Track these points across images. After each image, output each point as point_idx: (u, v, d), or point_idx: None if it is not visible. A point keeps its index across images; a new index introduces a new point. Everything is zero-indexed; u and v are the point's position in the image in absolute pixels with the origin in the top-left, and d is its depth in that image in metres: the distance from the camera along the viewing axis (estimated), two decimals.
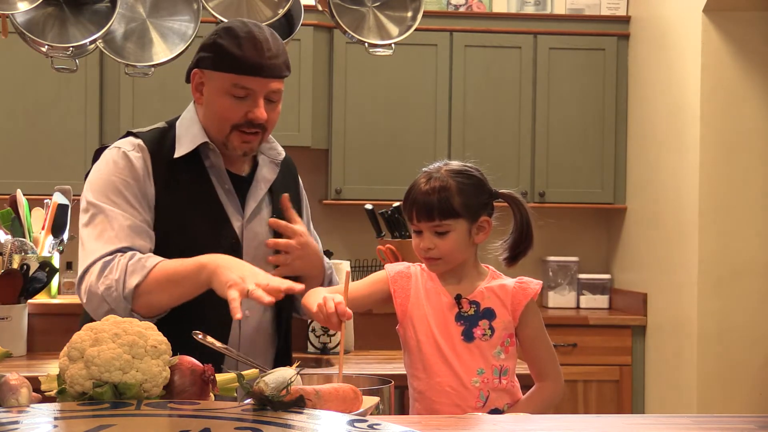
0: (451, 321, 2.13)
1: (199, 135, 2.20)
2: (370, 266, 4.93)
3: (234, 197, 2.23)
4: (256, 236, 2.25)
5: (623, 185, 5.03)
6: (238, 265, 2.02)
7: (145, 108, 4.74)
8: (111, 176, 2.17)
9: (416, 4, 3.16)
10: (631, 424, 1.75)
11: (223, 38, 2.15)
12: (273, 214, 2.28)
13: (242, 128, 2.16)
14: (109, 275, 2.07)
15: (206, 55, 2.17)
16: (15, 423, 1.34)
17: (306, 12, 3.26)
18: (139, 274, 2.05)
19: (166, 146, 2.21)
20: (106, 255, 2.09)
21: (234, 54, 2.12)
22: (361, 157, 4.89)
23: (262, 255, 2.24)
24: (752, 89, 4.19)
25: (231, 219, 2.22)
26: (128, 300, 2.05)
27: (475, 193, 2.14)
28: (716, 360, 4.18)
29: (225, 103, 2.15)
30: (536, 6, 5.15)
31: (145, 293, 2.05)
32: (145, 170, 2.18)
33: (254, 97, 2.15)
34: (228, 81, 2.14)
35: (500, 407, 2.11)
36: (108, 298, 2.06)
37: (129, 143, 2.22)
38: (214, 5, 3.04)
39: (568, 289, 5.09)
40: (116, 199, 2.15)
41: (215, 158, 2.21)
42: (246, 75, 2.13)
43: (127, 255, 2.09)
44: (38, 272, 3.21)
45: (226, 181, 2.22)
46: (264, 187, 2.28)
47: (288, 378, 1.45)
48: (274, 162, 2.32)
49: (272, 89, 2.17)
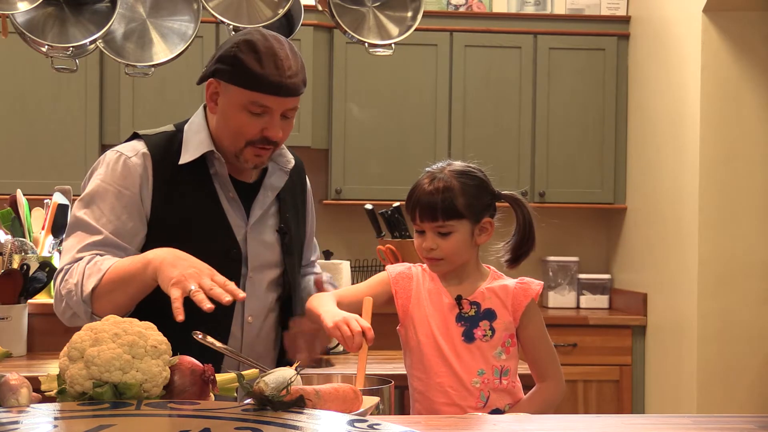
0: (452, 322, 2.13)
1: (205, 142, 2.18)
2: (370, 266, 4.94)
3: (238, 205, 2.21)
4: (260, 244, 2.23)
5: (623, 185, 5.03)
6: (182, 261, 1.95)
7: (145, 108, 4.74)
8: (105, 183, 2.16)
9: (416, 4, 3.16)
10: (631, 424, 1.75)
11: (244, 53, 2.09)
12: (280, 222, 2.27)
13: (257, 144, 2.14)
14: (69, 279, 2.07)
15: (225, 67, 2.12)
16: (15, 423, 1.34)
17: (306, 12, 3.26)
18: (95, 276, 2.03)
19: (172, 151, 2.19)
20: (72, 262, 2.10)
21: (254, 71, 2.08)
22: (361, 157, 4.89)
23: (266, 262, 2.24)
24: (752, 89, 4.19)
25: (233, 227, 2.19)
26: (87, 303, 2.04)
27: (478, 194, 2.14)
28: (716, 360, 4.17)
29: (241, 119, 2.12)
30: (536, 6, 5.15)
31: (101, 295, 2.03)
32: (144, 177, 2.16)
33: (271, 115, 2.12)
34: (246, 97, 2.10)
35: (501, 408, 2.11)
36: (70, 302, 2.07)
37: (131, 148, 2.19)
38: (214, 5, 3.03)
39: (568, 289, 5.09)
40: (103, 206, 2.13)
41: (220, 167, 2.19)
42: (265, 94, 2.09)
43: (86, 259, 2.07)
44: (38, 272, 3.21)
45: (230, 189, 2.20)
46: (271, 195, 2.26)
47: (288, 378, 1.45)
48: (283, 170, 2.29)
49: (289, 107, 2.14)
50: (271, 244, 2.25)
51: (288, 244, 2.28)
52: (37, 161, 4.70)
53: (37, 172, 4.67)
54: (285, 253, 2.27)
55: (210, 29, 4.65)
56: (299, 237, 2.36)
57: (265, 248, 2.24)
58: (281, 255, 2.27)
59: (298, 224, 2.35)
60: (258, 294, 2.21)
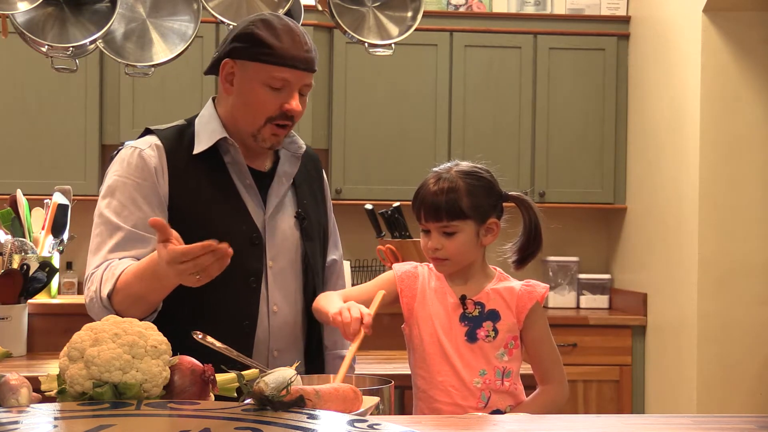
0: (456, 321, 2.13)
1: (218, 131, 2.19)
2: (370, 266, 4.94)
3: (255, 192, 2.22)
4: (280, 231, 2.23)
5: (623, 185, 5.03)
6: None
7: (145, 108, 4.74)
8: (123, 178, 2.16)
9: (416, 4, 3.16)
10: (631, 424, 1.75)
11: (261, 29, 2.12)
12: (297, 208, 2.28)
13: (276, 120, 2.15)
14: (90, 287, 2.09)
15: (241, 45, 2.13)
16: (15, 423, 1.34)
17: (306, 12, 3.27)
18: (110, 282, 2.04)
19: (185, 143, 2.20)
20: (95, 268, 2.11)
21: (273, 45, 2.10)
22: (361, 157, 4.89)
23: (286, 250, 2.23)
24: (752, 89, 4.19)
25: (252, 214, 2.20)
26: (108, 308, 2.05)
27: (484, 194, 2.13)
28: (716, 360, 4.17)
29: (260, 95, 2.13)
30: (536, 6, 5.15)
31: (119, 298, 2.04)
32: (159, 168, 2.17)
33: (290, 89, 2.13)
34: (265, 72, 2.11)
35: (502, 409, 2.10)
36: (93, 310, 2.08)
37: (145, 142, 2.21)
38: (214, 5, 3.04)
39: (568, 289, 5.09)
40: (123, 198, 2.15)
41: (235, 153, 2.19)
42: (285, 66, 2.11)
43: (104, 265, 2.09)
44: (38, 272, 3.21)
45: (246, 176, 2.21)
46: (286, 182, 2.27)
47: (288, 378, 1.45)
48: (295, 156, 2.31)
49: (306, 83, 2.16)
50: (290, 231, 2.25)
51: (307, 229, 2.27)
52: (37, 161, 4.71)
53: (37, 172, 4.67)
54: (305, 238, 2.27)
55: (210, 29, 4.65)
56: (320, 223, 2.36)
57: (285, 235, 2.24)
58: (301, 240, 2.26)
59: (318, 211, 2.35)
60: (280, 283, 2.21)
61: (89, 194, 4.66)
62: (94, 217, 2.21)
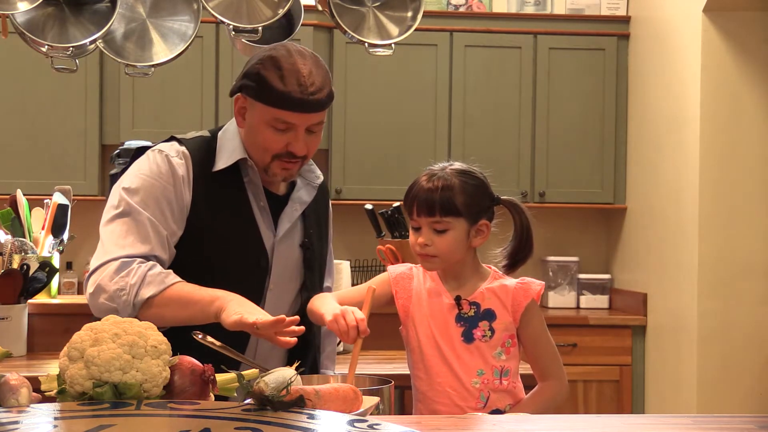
0: (451, 322, 2.14)
1: (238, 150, 2.20)
2: (370, 266, 4.94)
3: (267, 215, 2.23)
4: (285, 257, 2.25)
5: (623, 185, 5.03)
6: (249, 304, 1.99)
7: (145, 108, 4.74)
8: (151, 179, 2.16)
9: (416, 4, 3.15)
10: (631, 424, 1.75)
11: (268, 69, 2.11)
12: (304, 237, 2.29)
13: (283, 158, 2.16)
14: (125, 277, 2.05)
15: (250, 83, 2.14)
16: (15, 423, 1.34)
17: (306, 12, 3.26)
18: (155, 287, 2.04)
19: (207, 156, 2.21)
20: (126, 257, 2.08)
21: (277, 89, 2.09)
22: (361, 157, 4.89)
23: (287, 277, 2.25)
24: (752, 89, 4.19)
25: (263, 236, 2.21)
26: (136, 308, 2.04)
27: (477, 194, 2.14)
28: (716, 360, 4.17)
29: (266, 134, 2.14)
30: (536, 6, 5.15)
31: (154, 306, 2.04)
32: (186, 177, 2.17)
33: (295, 131, 2.13)
34: (270, 114, 2.12)
35: (501, 408, 2.10)
36: (117, 299, 2.05)
37: (173, 149, 2.21)
38: (214, 5, 3.03)
39: (568, 289, 5.09)
40: (150, 202, 2.14)
41: (253, 175, 2.21)
42: (288, 111, 2.11)
43: (149, 264, 2.07)
44: (38, 272, 3.21)
45: (261, 198, 2.22)
46: (299, 209, 2.28)
47: (288, 378, 1.45)
48: (311, 185, 2.33)
49: (313, 122, 2.15)
50: (295, 258, 2.27)
51: (310, 260, 2.29)
52: (37, 161, 4.70)
53: (37, 172, 4.67)
54: (306, 268, 2.29)
55: (210, 29, 4.65)
56: (321, 254, 2.37)
57: (289, 261, 2.26)
58: (302, 269, 2.28)
59: (321, 242, 2.37)
60: (278, 307, 2.21)
61: (89, 194, 4.66)
62: (115, 205, 2.16)
